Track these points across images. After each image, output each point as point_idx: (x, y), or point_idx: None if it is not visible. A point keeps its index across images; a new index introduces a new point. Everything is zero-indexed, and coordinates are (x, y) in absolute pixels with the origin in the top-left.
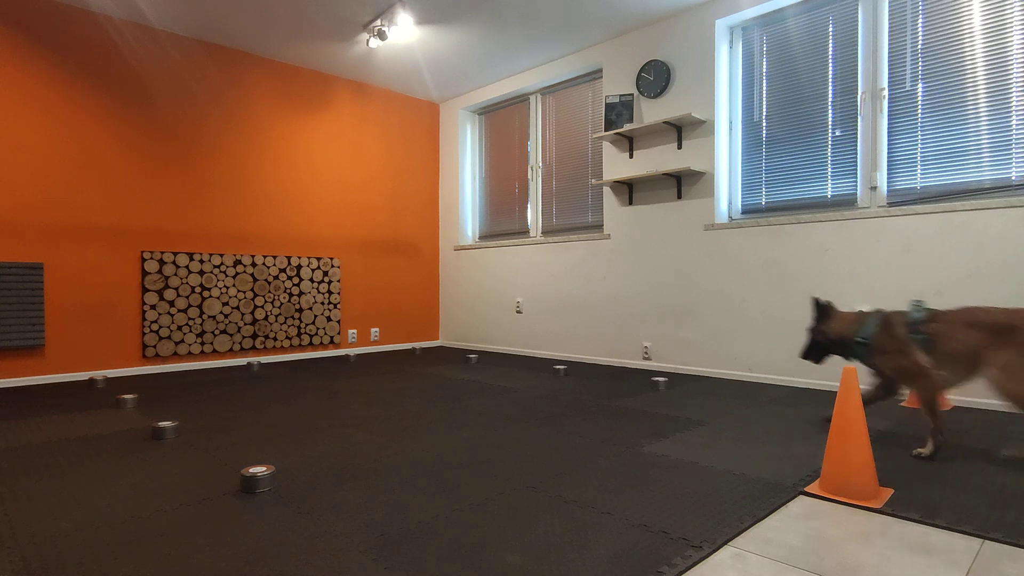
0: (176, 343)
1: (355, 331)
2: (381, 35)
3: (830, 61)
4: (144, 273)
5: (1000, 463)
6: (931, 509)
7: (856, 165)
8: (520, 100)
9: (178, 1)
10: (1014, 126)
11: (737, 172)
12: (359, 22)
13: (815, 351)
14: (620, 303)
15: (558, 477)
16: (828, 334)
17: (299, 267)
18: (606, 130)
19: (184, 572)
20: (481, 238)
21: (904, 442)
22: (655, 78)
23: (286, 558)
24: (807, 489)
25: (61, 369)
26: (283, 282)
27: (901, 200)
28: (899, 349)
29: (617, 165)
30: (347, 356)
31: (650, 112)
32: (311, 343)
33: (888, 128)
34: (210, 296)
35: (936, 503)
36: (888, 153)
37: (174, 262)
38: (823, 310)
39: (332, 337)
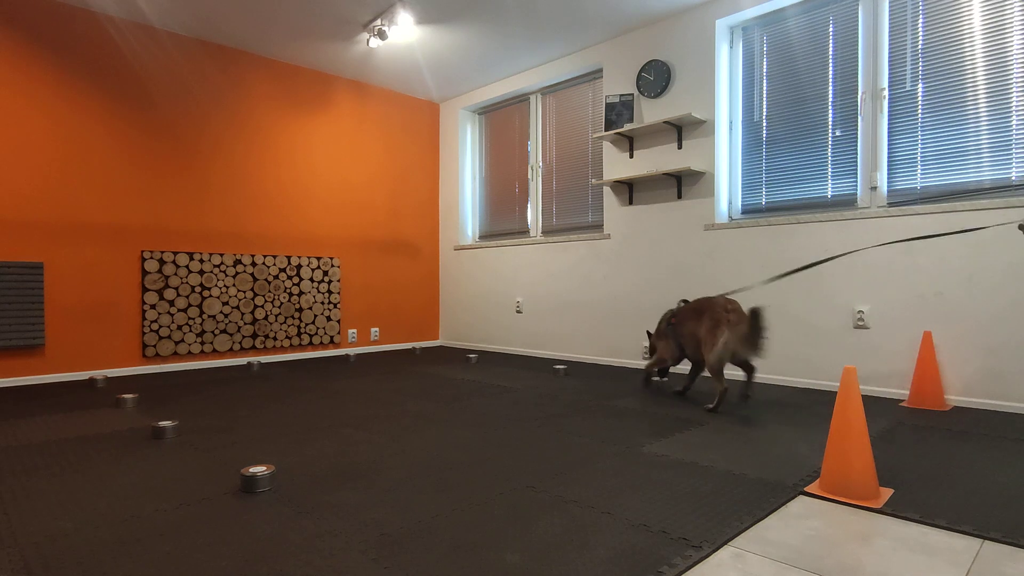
0: (176, 343)
1: (355, 331)
2: (381, 35)
3: (830, 61)
4: (144, 273)
5: (997, 463)
6: (931, 509)
7: (856, 165)
8: (520, 100)
9: (178, 1)
10: (1014, 126)
11: (737, 172)
12: (359, 22)
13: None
14: (620, 303)
15: (558, 477)
16: (652, 348)
17: (299, 267)
18: (606, 130)
19: (184, 572)
20: (481, 238)
21: (904, 442)
22: (655, 78)
23: (286, 558)
24: (807, 489)
25: (61, 369)
26: (283, 282)
27: (901, 200)
28: (658, 336)
29: (617, 165)
30: (347, 356)
31: (650, 112)
32: (311, 343)
33: (888, 128)
34: (210, 296)
35: (936, 503)
36: (888, 153)
37: (174, 262)
38: (650, 336)
39: (332, 337)
